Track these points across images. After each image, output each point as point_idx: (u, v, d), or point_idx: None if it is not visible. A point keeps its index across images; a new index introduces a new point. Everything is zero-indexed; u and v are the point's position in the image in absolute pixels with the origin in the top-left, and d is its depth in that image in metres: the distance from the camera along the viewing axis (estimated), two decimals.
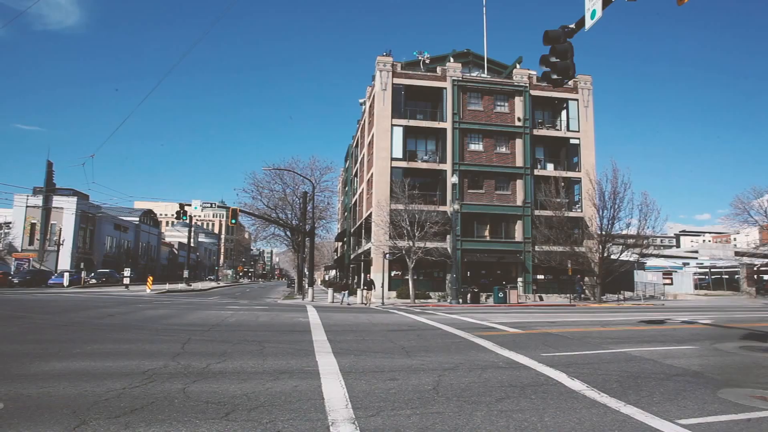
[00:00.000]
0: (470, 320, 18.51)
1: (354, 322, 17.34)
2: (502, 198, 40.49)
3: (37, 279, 45.40)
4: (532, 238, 39.27)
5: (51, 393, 6.31)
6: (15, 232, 61.15)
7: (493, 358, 9.89)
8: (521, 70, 42.12)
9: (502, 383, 7.52)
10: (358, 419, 5.46)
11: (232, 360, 9.00)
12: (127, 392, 6.42)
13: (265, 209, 49.54)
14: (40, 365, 8.12)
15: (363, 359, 9.43)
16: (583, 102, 42.66)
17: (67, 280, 45.96)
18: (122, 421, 5.22)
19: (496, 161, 40.74)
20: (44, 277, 46.75)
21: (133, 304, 23.62)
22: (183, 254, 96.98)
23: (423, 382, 7.50)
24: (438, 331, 14.68)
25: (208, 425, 5.15)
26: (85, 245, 66.63)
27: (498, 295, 32.09)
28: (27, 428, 4.93)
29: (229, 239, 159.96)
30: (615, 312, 25.74)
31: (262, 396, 6.42)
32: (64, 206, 61.62)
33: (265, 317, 18.44)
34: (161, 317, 17.35)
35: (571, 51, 9.55)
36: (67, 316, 16.62)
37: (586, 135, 42.33)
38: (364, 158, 48.35)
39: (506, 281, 37.69)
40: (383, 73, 39.98)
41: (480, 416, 5.72)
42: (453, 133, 39.82)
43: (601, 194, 36.27)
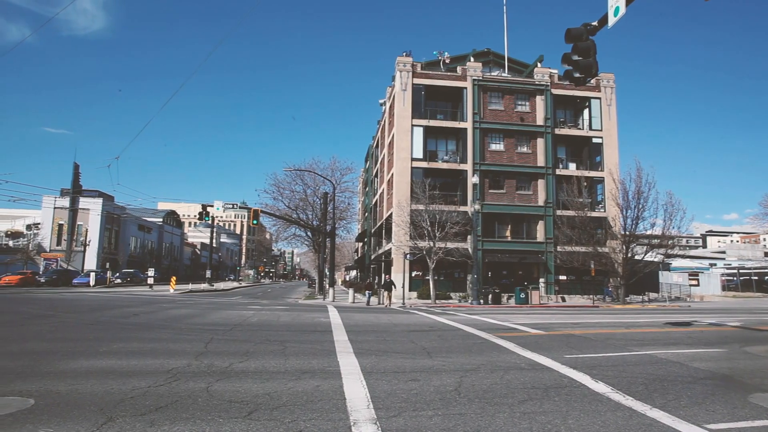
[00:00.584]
0: (491, 321, 18.39)
1: (375, 322, 17.35)
2: (523, 198, 40.14)
3: (62, 279, 46.34)
4: (554, 239, 38.85)
5: (79, 390, 6.44)
6: (43, 233, 62.62)
7: (515, 359, 9.81)
8: (542, 69, 41.71)
9: (525, 385, 7.45)
10: (379, 419, 5.46)
11: (255, 359, 9.07)
12: (152, 390, 6.52)
13: (286, 210, 49.94)
14: (69, 363, 8.28)
15: (384, 359, 9.42)
16: (605, 100, 42.08)
17: (94, 280, 46.92)
18: (147, 418, 5.30)
19: (517, 161, 40.41)
20: (69, 277, 47.64)
21: (157, 304, 23.98)
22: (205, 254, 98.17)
23: (445, 383, 7.47)
24: (459, 331, 14.61)
25: (231, 424, 5.20)
26: (110, 245, 67.86)
27: (519, 296, 31.82)
28: (57, 424, 5.03)
29: (251, 240, 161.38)
30: (639, 313, 25.34)
31: (284, 396, 6.45)
32: (90, 207, 62.86)
33: (286, 317, 18.56)
34: (184, 317, 17.57)
35: (593, 49, 9.42)
36: (94, 315, 16.94)
37: (609, 134, 41.74)
38: (384, 158, 48.37)
39: (528, 282, 37.36)
40: (403, 74, 39.94)
41: (502, 418, 5.67)
42: (473, 132, 39.61)
43: (624, 194, 35.73)
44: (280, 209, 49.74)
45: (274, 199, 50.39)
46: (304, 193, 50.17)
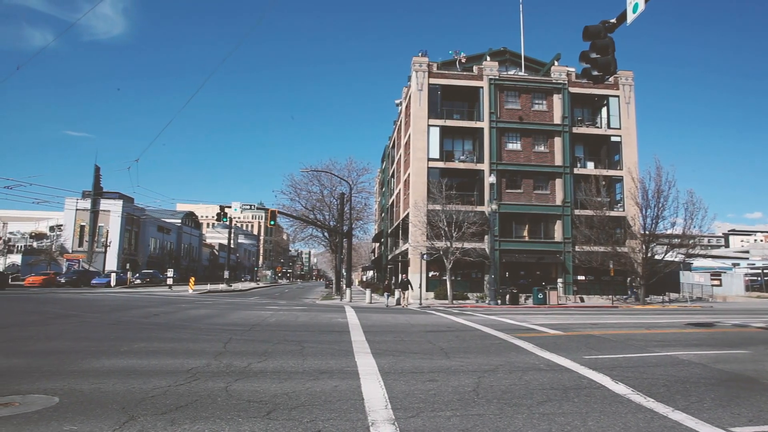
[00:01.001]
0: (509, 321, 18.27)
1: (392, 322, 17.36)
2: (540, 197, 39.84)
3: (82, 279, 47.26)
4: (572, 238, 38.49)
5: (101, 389, 6.54)
6: (66, 234, 63.73)
7: (534, 360, 9.73)
8: (559, 68, 41.36)
9: (543, 386, 7.39)
10: (397, 420, 5.46)
11: (273, 359, 9.13)
12: (172, 390, 6.59)
13: (303, 211, 50.20)
14: (91, 362, 8.42)
15: (402, 360, 9.42)
16: (624, 98, 41.59)
17: (114, 281, 47.67)
18: (168, 417, 5.36)
19: (535, 160, 40.11)
20: (89, 278, 48.56)
21: (177, 304, 24.25)
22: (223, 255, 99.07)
23: (462, 383, 7.44)
24: (477, 332, 14.54)
25: (250, 423, 5.24)
26: (130, 246, 68.81)
27: (537, 296, 31.57)
28: (81, 422, 5.12)
29: (268, 240, 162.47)
30: (660, 314, 24.99)
31: (303, 395, 6.48)
32: (110, 209, 63.84)
33: (304, 317, 18.64)
34: (203, 317, 17.75)
35: (612, 46, 9.31)
36: (115, 315, 17.19)
37: (628, 132, 41.24)
38: (400, 159, 48.36)
39: (546, 282, 37.07)
40: (419, 74, 39.90)
41: (521, 419, 5.63)
42: (490, 132, 39.42)
43: (644, 193, 35.26)
44: (297, 210, 50.05)
45: (291, 200, 50.72)
46: (321, 193, 50.41)
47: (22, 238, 66.61)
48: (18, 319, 15.05)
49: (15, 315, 16.50)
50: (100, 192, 63.75)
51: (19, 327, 13.16)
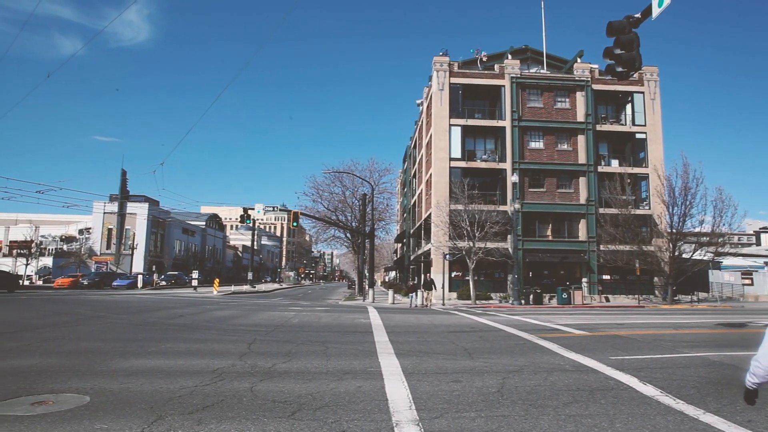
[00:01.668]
0: (533, 322, 18.10)
1: (415, 323, 17.33)
2: (564, 196, 39.38)
3: (104, 281, 47.95)
4: (597, 237, 37.96)
5: (130, 389, 6.66)
6: (94, 237, 65.16)
7: (559, 360, 9.62)
8: (582, 65, 40.85)
9: (569, 387, 7.30)
10: (422, 421, 5.44)
11: (297, 360, 9.18)
12: (198, 390, 6.68)
13: (325, 212, 50.39)
14: (120, 362, 8.58)
15: (425, 360, 9.39)
16: (649, 94, 40.87)
17: (141, 282, 48.56)
18: (195, 417, 5.43)
19: (558, 159, 39.68)
20: (110, 279, 49.14)
21: (201, 305, 24.58)
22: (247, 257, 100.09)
23: (487, 384, 7.39)
24: (500, 332, 14.43)
25: (275, 423, 5.28)
26: (156, 249, 69.99)
27: (562, 296, 31.22)
28: (111, 421, 5.22)
29: (291, 242, 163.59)
30: (688, 314, 24.49)
31: (327, 396, 6.51)
32: (137, 212, 65.07)
33: (327, 318, 18.73)
34: (228, 318, 17.95)
35: (636, 42, 9.14)
36: (142, 317, 17.49)
37: (654, 129, 40.52)
38: (422, 159, 48.27)
39: (570, 282, 36.61)
40: (440, 73, 39.79)
41: (547, 420, 5.57)
42: (512, 131, 39.11)
43: (670, 190, 34.62)
44: (319, 211, 50.26)
45: (314, 201, 50.97)
46: (343, 194, 50.53)
47: (53, 241, 68.26)
48: (50, 320, 15.42)
49: (47, 316, 16.90)
50: (126, 195, 65.00)
51: (51, 328, 13.48)
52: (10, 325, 13.99)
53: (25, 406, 5.72)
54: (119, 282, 47.62)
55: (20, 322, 14.86)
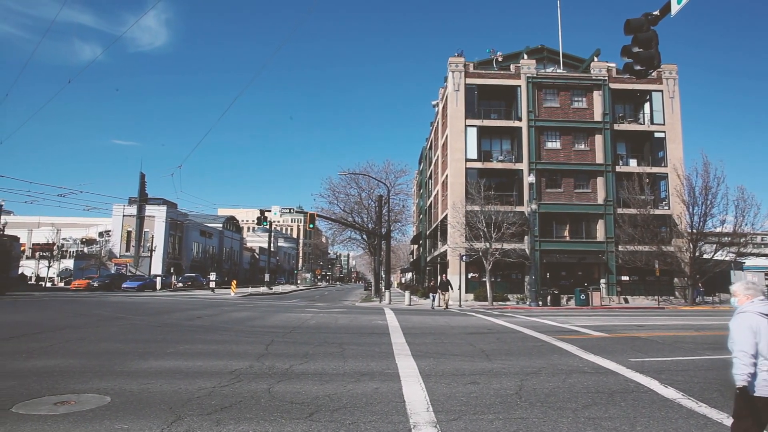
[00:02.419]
0: (551, 323, 17.95)
1: (432, 324, 17.29)
2: (581, 196, 39.00)
3: (115, 283, 47.48)
4: (615, 238, 37.52)
5: (150, 389, 6.73)
6: (114, 240, 66.08)
7: (578, 362, 9.53)
8: (599, 63, 40.44)
9: (588, 389, 7.23)
10: (439, 423, 5.43)
11: (314, 361, 9.21)
12: (217, 391, 6.73)
13: (341, 213, 50.56)
14: (140, 363, 8.69)
15: (442, 362, 9.37)
16: (668, 93, 40.31)
17: (160, 284, 49.11)
18: (214, 418, 5.48)
19: (575, 159, 39.31)
20: (121, 282, 48.52)
21: (219, 307, 24.78)
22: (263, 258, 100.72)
23: (505, 386, 7.35)
24: (518, 334, 14.34)
25: (293, 425, 5.30)
26: (174, 251, 70.76)
27: (580, 297, 30.90)
28: (131, 421, 5.29)
29: (307, 243, 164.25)
30: (710, 315, 24.11)
31: (344, 397, 6.52)
32: (155, 215, 65.85)
33: (344, 320, 18.76)
34: (245, 319, 18.08)
35: (655, 39, 9.01)
36: (161, 318, 17.69)
37: (673, 128, 39.95)
38: (438, 160, 48.17)
39: (588, 283, 36.22)
40: (455, 74, 39.68)
41: (566, 423, 5.51)
42: (528, 131, 38.85)
43: (690, 190, 34.05)
44: (335, 213, 50.43)
45: (330, 203, 51.15)
46: (359, 196, 50.65)
47: (74, 244, 69.35)
48: (72, 322, 15.67)
49: (69, 317, 17.18)
50: (145, 198, 65.82)
51: (72, 329, 13.69)
52: (34, 326, 14.24)
53: (49, 406, 5.82)
54: (129, 284, 47.07)
55: (43, 323, 15.12)
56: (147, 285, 47.69)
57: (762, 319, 3.78)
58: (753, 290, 4.00)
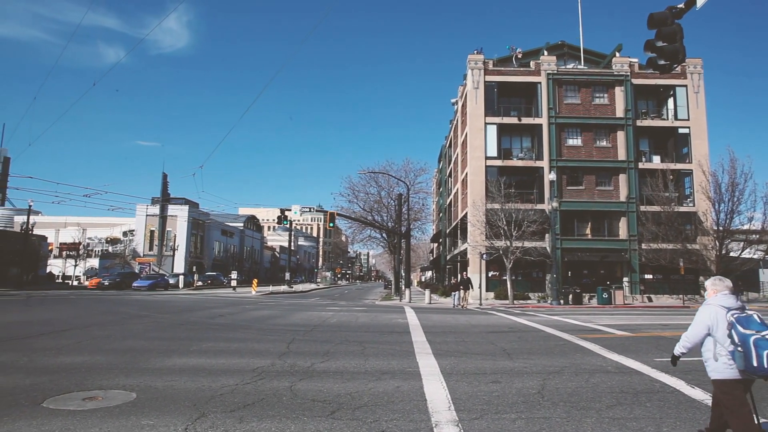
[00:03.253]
0: (573, 322, 17.76)
1: (452, 323, 17.24)
2: (603, 194, 38.51)
3: (125, 281, 45.71)
4: (638, 236, 36.97)
5: (174, 386, 6.83)
6: (138, 239, 67.13)
7: (601, 361, 9.41)
8: (621, 59, 39.84)
9: (612, 389, 7.14)
10: (461, 422, 5.41)
11: (335, 360, 9.25)
12: (239, 388, 6.80)
13: (361, 212, 50.60)
14: (164, 360, 8.81)
15: (464, 361, 9.33)
16: (692, 87, 39.54)
17: (182, 282, 49.76)
18: (237, 415, 5.54)
19: (597, 156, 38.82)
20: (131, 280, 46.66)
21: (240, 305, 25.02)
22: (284, 257, 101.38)
23: (527, 385, 7.29)
24: (540, 333, 14.22)
25: (315, 423, 5.33)
26: (196, 250, 71.61)
27: (602, 296, 30.51)
28: (156, 417, 5.37)
29: (327, 242, 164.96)
30: None
31: (366, 396, 6.54)
32: (177, 214, 66.72)
33: (364, 318, 18.81)
34: (266, 318, 18.22)
35: (680, 33, 8.83)
36: (184, 316, 17.93)
37: (697, 123, 39.18)
38: (457, 158, 47.97)
39: (610, 281, 35.74)
40: (475, 71, 39.46)
41: (590, 423, 5.45)
42: (549, 128, 38.48)
43: (716, 186, 33.35)
44: (355, 212, 50.49)
45: (350, 201, 51.24)
46: (379, 195, 50.64)
47: (99, 243, 70.61)
48: (98, 319, 15.96)
49: (95, 315, 17.50)
50: (167, 198, 66.73)
51: (98, 326, 13.95)
52: (61, 323, 14.54)
53: (77, 401, 5.95)
54: (140, 283, 45.28)
55: (71, 320, 15.44)
56: (158, 284, 46.47)
57: (722, 310, 4.44)
58: (719, 285, 4.62)
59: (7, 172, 38.66)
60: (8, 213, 71.15)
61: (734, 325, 4.30)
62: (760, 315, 4.37)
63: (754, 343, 4.11)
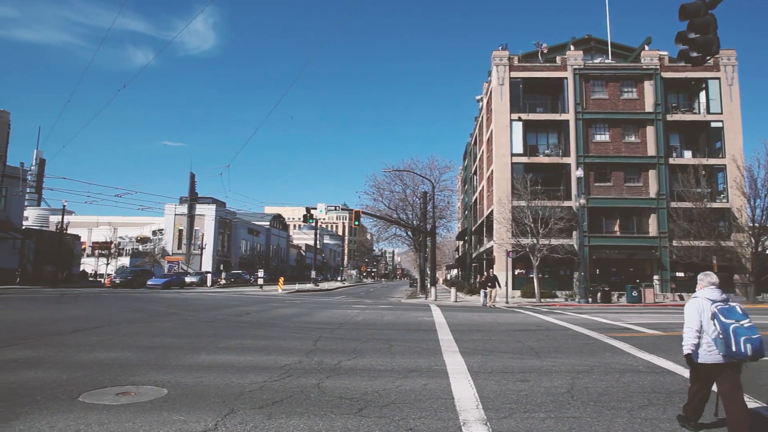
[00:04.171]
0: (602, 320, 17.48)
1: (479, 321, 17.13)
2: (632, 190, 37.80)
3: (138, 280, 44.34)
4: (669, 233, 36.17)
5: (203, 383, 6.93)
6: (166, 238, 68.35)
7: (631, 361, 9.24)
8: (650, 52, 39.00)
9: (644, 389, 6.99)
10: (489, 420, 5.36)
11: (362, 357, 9.27)
12: (267, 385, 6.86)
13: (386, 210, 50.53)
14: (193, 357, 8.95)
15: (491, 359, 9.26)
16: (726, 80, 38.45)
17: (210, 281, 50.53)
18: (265, 411, 5.59)
19: (625, 151, 38.11)
20: (145, 278, 45.39)
21: (267, 303, 25.27)
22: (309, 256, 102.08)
23: (556, 384, 7.20)
24: (568, 331, 14.03)
25: (343, 420, 5.34)
26: (223, 248, 72.55)
27: (631, 294, 29.95)
28: (187, 413, 5.45)
29: (352, 240, 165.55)
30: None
31: (393, 393, 6.53)
32: (205, 213, 67.71)
33: (390, 316, 18.81)
34: (293, 315, 18.37)
35: (713, 24, 8.58)
36: (211, 314, 18.18)
37: (731, 116, 38.11)
38: (483, 155, 47.63)
39: (640, 279, 35.04)
40: (499, 68, 39.09)
41: (621, 424, 5.35)
42: (576, 124, 37.92)
43: (751, 182, 32.36)
44: (380, 210, 50.43)
45: (374, 200, 51.19)
46: (404, 193, 50.46)
47: (130, 242, 72.14)
48: (127, 317, 16.30)
49: (125, 313, 17.87)
50: (195, 197, 67.76)
51: (128, 324, 14.24)
52: (94, 320, 14.89)
53: (111, 396, 6.08)
54: (154, 281, 44.34)
55: (103, 318, 15.79)
56: (173, 282, 45.78)
57: (707, 302, 4.91)
58: (705, 280, 5.15)
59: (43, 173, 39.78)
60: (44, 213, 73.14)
61: (716, 315, 4.76)
62: (741, 306, 4.86)
63: (733, 331, 4.63)
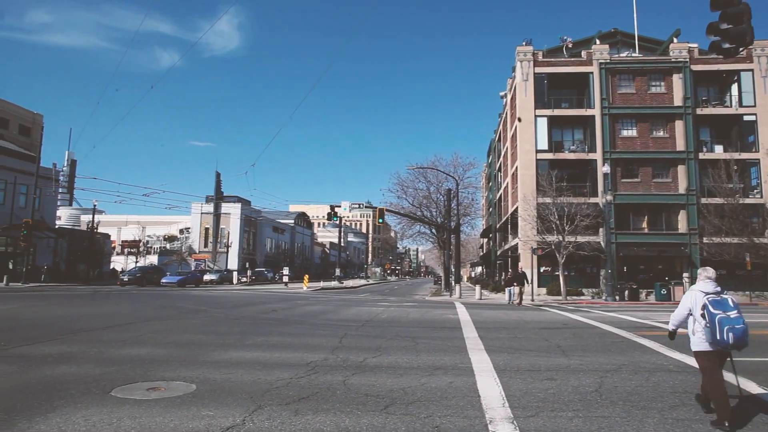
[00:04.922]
0: (630, 318, 17.20)
1: (505, 319, 17.01)
2: (660, 186, 37.04)
3: (147, 277, 42.13)
4: (699, 229, 35.36)
5: (231, 379, 7.03)
6: (193, 236, 69.43)
7: (661, 360, 9.08)
8: (679, 45, 38.14)
9: (675, 389, 6.87)
10: (516, 419, 5.32)
11: (387, 355, 9.29)
12: (294, 382, 6.93)
13: (410, 208, 50.59)
14: (221, 354, 9.08)
15: (517, 357, 9.19)
16: (760, 72, 37.36)
17: (236, 278, 51.11)
18: (292, 408, 5.64)
19: (653, 147, 37.38)
20: (156, 276, 43.54)
21: (292, 301, 25.49)
22: (334, 253, 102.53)
23: (583, 383, 7.11)
24: (595, 329, 13.84)
25: (369, 417, 5.36)
26: (248, 246, 73.40)
27: (660, 292, 29.40)
28: (215, 408, 5.54)
29: (376, 238, 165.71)
30: None
31: (418, 391, 6.53)
32: (230, 212, 68.59)
33: (415, 314, 18.81)
34: (318, 313, 18.49)
35: (747, 13, 8.33)
36: (238, 311, 18.42)
37: (765, 109, 36.96)
38: (507, 152, 47.22)
39: (669, 277, 34.34)
40: (524, 63, 38.68)
41: (652, 424, 5.26)
42: (602, 119, 37.31)
43: None
44: (404, 207, 50.52)
45: (398, 197, 51.29)
46: (428, 190, 50.46)
47: (158, 241, 73.47)
48: (157, 314, 16.62)
49: (154, 310, 18.23)
50: (221, 196, 68.69)
51: (158, 320, 14.52)
52: (125, 317, 15.21)
53: (142, 391, 6.22)
54: (168, 279, 42.82)
55: (133, 314, 16.12)
56: (188, 280, 44.27)
57: (700, 294, 5.44)
58: (703, 274, 5.66)
59: (74, 173, 40.78)
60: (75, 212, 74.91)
61: (707, 306, 5.25)
62: (733, 299, 5.36)
63: (719, 321, 5.11)
